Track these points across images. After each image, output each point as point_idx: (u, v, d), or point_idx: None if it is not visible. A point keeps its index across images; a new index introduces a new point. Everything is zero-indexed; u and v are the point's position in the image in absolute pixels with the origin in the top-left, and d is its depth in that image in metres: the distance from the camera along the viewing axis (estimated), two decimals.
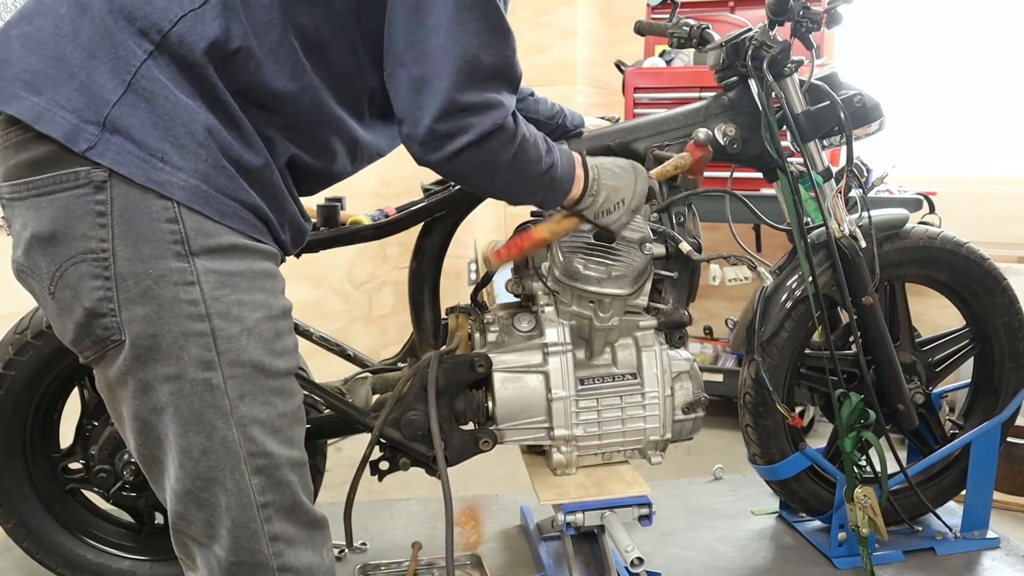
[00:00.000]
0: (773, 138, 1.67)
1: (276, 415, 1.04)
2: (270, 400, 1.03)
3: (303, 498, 1.09)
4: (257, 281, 1.02)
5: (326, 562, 1.13)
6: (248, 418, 1.01)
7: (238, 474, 1.02)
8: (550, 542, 1.94)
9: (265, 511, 1.04)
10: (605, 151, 1.67)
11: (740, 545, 1.98)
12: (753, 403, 1.88)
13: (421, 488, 2.40)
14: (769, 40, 1.63)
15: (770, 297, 1.85)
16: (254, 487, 1.03)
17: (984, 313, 1.96)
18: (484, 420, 1.56)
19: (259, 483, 1.03)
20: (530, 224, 1.58)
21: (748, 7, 3.40)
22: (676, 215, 1.62)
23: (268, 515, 1.04)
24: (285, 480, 1.05)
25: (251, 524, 1.03)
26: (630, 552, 1.47)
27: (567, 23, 3.80)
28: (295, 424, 1.08)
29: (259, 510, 1.04)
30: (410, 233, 1.67)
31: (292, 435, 1.07)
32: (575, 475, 1.57)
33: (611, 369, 1.56)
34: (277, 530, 1.05)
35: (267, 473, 1.04)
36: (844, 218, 1.77)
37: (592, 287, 1.45)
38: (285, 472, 1.05)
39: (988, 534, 1.97)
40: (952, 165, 3.54)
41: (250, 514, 1.03)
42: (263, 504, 1.04)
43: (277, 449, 1.04)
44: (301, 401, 1.11)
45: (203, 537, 1.05)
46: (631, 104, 3.18)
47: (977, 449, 1.94)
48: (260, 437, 1.02)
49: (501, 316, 1.59)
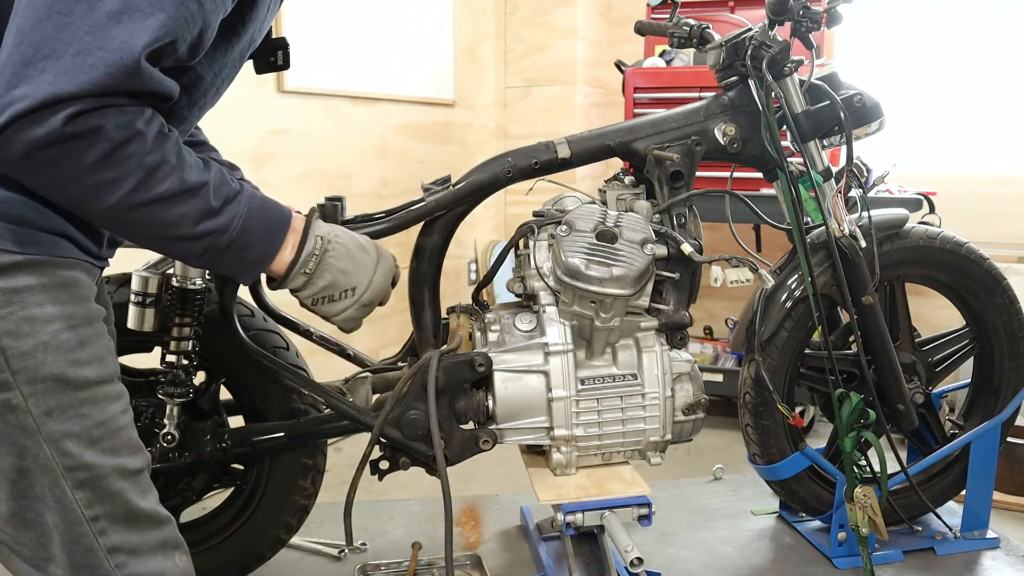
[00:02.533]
0: (773, 138, 1.67)
1: (92, 426, 1.00)
2: (82, 412, 0.99)
3: (142, 504, 1.04)
4: (50, 293, 0.98)
5: (180, 566, 1.08)
6: (59, 433, 0.98)
7: (58, 490, 0.99)
8: (550, 542, 1.94)
9: (97, 524, 1.01)
10: (605, 151, 1.67)
11: (740, 545, 1.98)
12: (753, 403, 1.88)
13: (421, 488, 2.40)
14: (769, 40, 1.63)
15: (770, 297, 1.85)
16: (79, 501, 1.00)
17: (984, 313, 1.96)
18: (484, 419, 1.56)
19: (84, 497, 1.00)
20: (531, 224, 1.58)
21: (748, 7, 3.41)
22: (677, 216, 1.62)
23: (102, 528, 1.01)
24: (113, 490, 1.01)
25: (83, 540, 1.00)
26: (630, 552, 1.47)
27: (567, 23, 3.80)
28: (121, 430, 1.03)
29: (89, 524, 1.00)
30: (410, 233, 1.66)
31: (117, 443, 1.03)
32: (575, 475, 1.57)
33: (612, 369, 1.56)
34: (115, 542, 1.02)
35: (91, 485, 1.00)
36: (844, 218, 1.77)
37: (594, 287, 1.45)
38: (112, 482, 1.01)
39: (988, 534, 1.98)
40: (952, 165, 3.54)
41: (80, 529, 1.00)
42: (93, 517, 1.01)
43: (99, 460, 1.00)
44: (124, 405, 1.05)
45: (39, 560, 1.02)
46: (631, 104, 3.18)
47: (977, 449, 1.94)
48: (76, 450, 0.99)
49: (502, 316, 1.59)
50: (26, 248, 0.96)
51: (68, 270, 1.01)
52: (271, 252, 1.06)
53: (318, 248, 1.09)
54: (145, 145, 0.92)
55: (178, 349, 1.60)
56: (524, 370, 1.53)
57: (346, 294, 1.12)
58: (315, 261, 1.09)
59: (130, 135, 0.90)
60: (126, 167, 0.91)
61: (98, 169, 0.90)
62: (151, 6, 0.87)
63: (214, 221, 0.98)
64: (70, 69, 0.85)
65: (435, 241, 1.64)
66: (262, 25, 1.14)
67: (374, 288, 1.15)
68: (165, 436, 1.60)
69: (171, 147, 0.95)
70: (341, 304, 1.13)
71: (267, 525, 1.77)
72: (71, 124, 0.86)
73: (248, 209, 1.02)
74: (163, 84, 0.93)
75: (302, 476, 1.76)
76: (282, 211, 1.08)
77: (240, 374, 1.74)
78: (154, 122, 0.94)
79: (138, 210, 0.94)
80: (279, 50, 1.30)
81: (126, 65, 0.86)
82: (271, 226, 1.05)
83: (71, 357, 0.99)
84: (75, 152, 0.88)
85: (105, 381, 1.03)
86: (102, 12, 0.86)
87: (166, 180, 0.94)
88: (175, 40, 0.91)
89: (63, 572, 1.01)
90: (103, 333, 1.05)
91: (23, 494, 0.99)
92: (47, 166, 0.89)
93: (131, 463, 1.04)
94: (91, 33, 0.86)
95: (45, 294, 0.98)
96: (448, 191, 1.61)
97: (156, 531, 1.06)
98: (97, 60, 0.86)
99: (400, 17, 3.39)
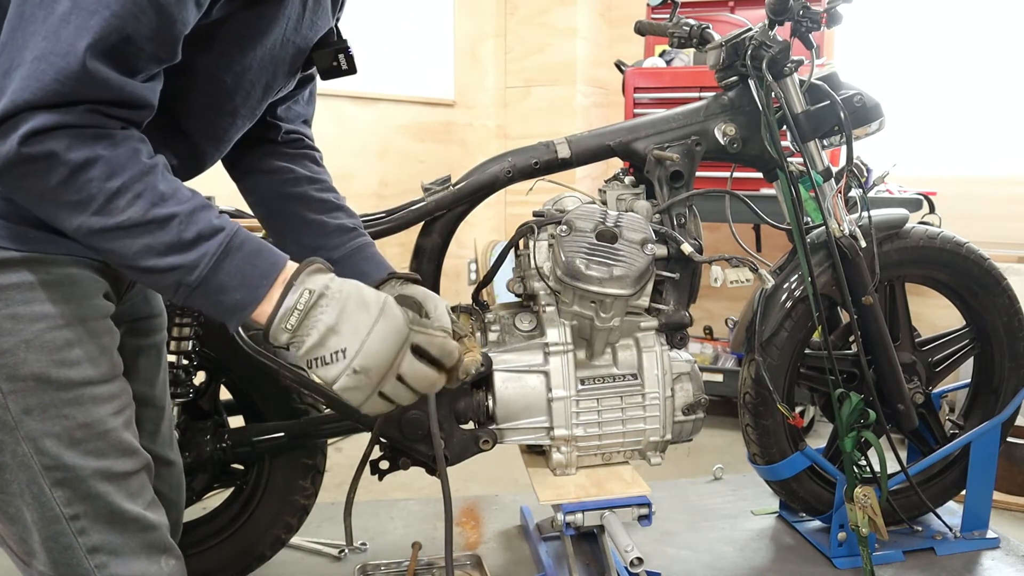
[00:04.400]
0: (773, 138, 1.67)
1: (74, 427, 0.99)
2: (64, 412, 0.98)
3: (127, 506, 1.03)
4: (39, 291, 0.97)
5: (165, 570, 1.07)
6: (38, 432, 0.97)
7: (36, 488, 0.99)
8: (550, 542, 1.94)
9: (77, 523, 1.01)
10: (605, 151, 1.67)
11: (740, 545, 1.98)
12: (753, 403, 1.88)
13: (421, 488, 2.41)
14: (769, 40, 1.63)
15: (770, 297, 1.85)
16: (58, 500, 0.99)
17: (984, 313, 1.96)
18: (484, 419, 1.56)
19: (63, 496, 0.99)
20: (531, 224, 1.58)
21: (748, 7, 3.40)
22: (677, 216, 1.62)
23: (82, 527, 1.01)
24: (95, 491, 1.01)
25: (62, 538, 1.00)
26: (630, 552, 1.47)
27: (567, 23, 3.80)
28: (108, 432, 1.02)
29: (68, 523, 1.00)
30: (410, 233, 1.66)
31: (103, 445, 1.01)
32: (575, 475, 1.57)
33: (612, 370, 1.56)
34: (96, 542, 1.01)
35: (70, 486, 0.99)
36: (844, 218, 1.77)
37: (594, 287, 1.45)
38: (93, 484, 1.00)
39: (988, 534, 1.98)
40: (952, 165, 3.53)
41: (59, 527, 1.00)
42: (72, 516, 1.00)
43: (80, 461, 0.99)
44: (119, 406, 1.04)
45: (23, 554, 1.03)
46: (631, 104, 3.18)
47: (977, 449, 1.94)
48: (55, 451, 0.98)
49: (502, 315, 1.59)
50: (16, 244, 0.96)
51: (63, 268, 1.00)
52: (253, 300, 0.94)
53: (303, 302, 0.94)
54: (107, 169, 0.87)
55: (178, 349, 1.60)
56: (524, 370, 1.53)
57: (336, 356, 0.94)
58: (297, 316, 0.94)
59: (88, 158, 0.86)
60: (87, 191, 0.86)
61: (61, 191, 0.87)
62: (96, 3, 0.83)
63: (181, 256, 0.90)
64: (27, 75, 0.83)
65: (435, 241, 1.64)
66: (297, 26, 1.10)
67: (367, 351, 0.94)
68: None
69: (139, 174, 0.89)
70: (335, 369, 0.95)
71: (267, 525, 1.77)
72: (26, 145, 0.83)
73: (226, 249, 0.93)
74: (126, 90, 0.88)
75: (302, 476, 1.76)
76: (275, 258, 0.97)
77: (240, 374, 1.74)
78: (122, 146, 0.89)
79: (101, 235, 0.89)
80: (340, 53, 1.23)
81: (73, 69, 0.83)
82: (256, 271, 0.94)
83: (55, 357, 0.98)
84: (38, 172, 0.86)
85: (93, 382, 1.01)
86: (56, 15, 0.83)
87: (128, 208, 0.88)
88: (128, 36, 0.85)
89: (44, 568, 1.02)
90: (101, 332, 1.04)
91: (3, 489, 0.99)
92: (18, 182, 0.87)
93: (119, 466, 1.03)
94: (46, 38, 0.83)
95: (34, 292, 0.97)
96: (448, 191, 1.61)
97: (142, 534, 1.05)
98: (47, 66, 0.83)
99: (400, 17, 3.39)
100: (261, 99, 1.15)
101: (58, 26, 0.83)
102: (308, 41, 1.16)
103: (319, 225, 1.29)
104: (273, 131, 1.30)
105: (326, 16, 1.17)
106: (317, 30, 1.17)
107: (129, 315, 1.21)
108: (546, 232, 1.57)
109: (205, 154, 1.14)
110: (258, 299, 0.95)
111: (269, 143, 1.31)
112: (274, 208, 1.31)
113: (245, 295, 0.94)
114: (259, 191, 1.31)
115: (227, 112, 1.10)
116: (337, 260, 1.27)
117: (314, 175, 1.34)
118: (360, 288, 0.99)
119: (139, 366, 1.24)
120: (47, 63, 0.83)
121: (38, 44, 0.83)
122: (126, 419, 1.06)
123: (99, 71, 0.85)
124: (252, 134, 1.23)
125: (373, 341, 0.95)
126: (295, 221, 1.30)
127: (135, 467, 1.06)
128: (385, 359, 0.96)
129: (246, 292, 0.94)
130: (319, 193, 1.32)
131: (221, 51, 1.02)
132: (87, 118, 0.86)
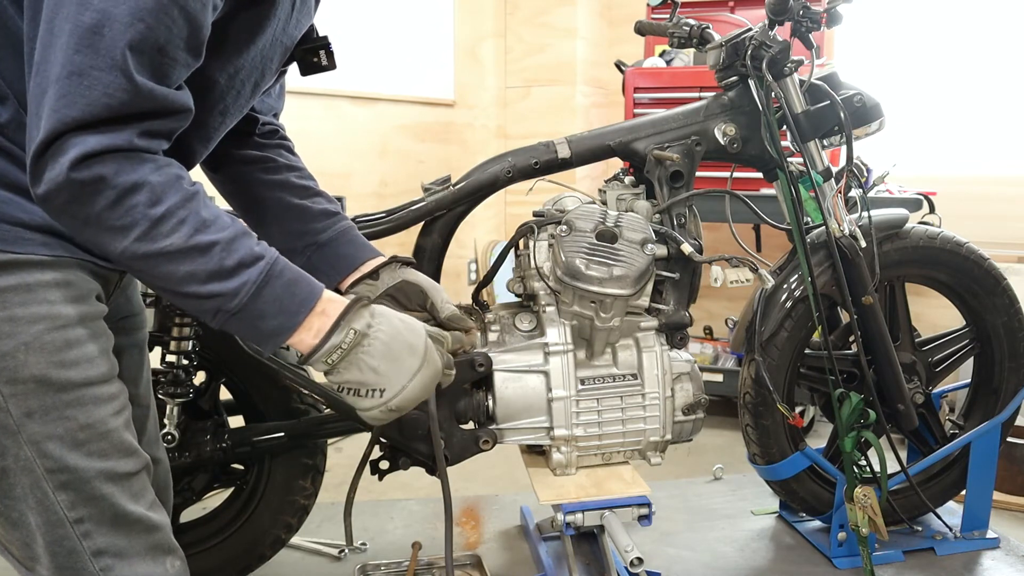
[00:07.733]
0: (773, 138, 1.67)
1: (77, 428, 0.99)
2: (66, 414, 0.98)
3: (131, 507, 1.03)
4: (36, 293, 0.97)
5: (170, 572, 1.07)
6: (40, 435, 0.97)
7: (39, 492, 0.98)
8: (550, 542, 1.94)
9: (81, 526, 1.00)
10: (605, 151, 1.66)
11: (740, 545, 1.98)
12: (753, 403, 1.88)
13: (421, 488, 2.40)
14: (769, 40, 1.63)
15: (770, 297, 1.85)
16: (61, 503, 0.99)
17: (984, 313, 1.96)
18: (484, 419, 1.56)
19: (66, 499, 0.99)
20: (531, 224, 1.58)
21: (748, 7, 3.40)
22: (677, 216, 1.62)
23: (86, 530, 1.00)
24: (98, 493, 1.00)
25: (66, 541, 1.00)
26: (630, 552, 1.47)
27: (567, 23, 3.80)
28: (110, 433, 1.02)
29: (72, 526, 1.00)
30: (410, 233, 1.66)
31: (105, 445, 1.01)
32: (575, 475, 1.57)
33: (612, 369, 1.56)
34: (100, 544, 1.01)
35: (74, 488, 0.99)
36: (844, 218, 1.77)
37: (594, 287, 1.45)
38: (97, 485, 1.00)
39: (988, 534, 1.98)
40: (952, 165, 3.53)
41: (63, 531, 1.00)
42: (76, 520, 1.00)
43: (83, 463, 0.99)
44: (118, 407, 1.04)
45: (25, 559, 1.02)
46: (631, 104, 3.18)
47: (977, 449, 1.94)
48: (58, 453, 0.98)
49: (502, 315, 1.59)
50: (12, 247, 0.96)
51: (60, 270, 1.00)
52: (289, 327, 0.98)
53: (348, 341, 0.99)
54: (153, 195, 0.89)
55: (178, 349, 1.60)
56: (524, 370, 1.53)
57: (373, 393, 1.01)
58: (340, 354, 0.99)
59: (136, 183, 0.88)
60: (131, 216, 0.88)
61: (107, 216, 0.88)
62: (130, 15, 0.83)
63: (223, 284, 0.93)
64: (70, 92, 0.83)
65: (435, 241, 1.64)
66: (286, 25, 1.11)
67: (406, 396, 1.02)
68: (165, 436, 1.60)
69: (182, 200, 0.91)
70: (368, 402, 1.02)
71: (267, 525, 1.77)
72: (76, 170, 0.85)
73: (266, 277, 0.96)
74: (169, 99, 0.90)
75: (302, 476, 1.76)
76: (311, 287, 1.00)
77: (240, 374, 1.74)
78: (165, 172, 0.91)
79: (144, 260, 0.91)
80: (320, 50, 1.25)
81: (121, 83, 0.84)
82: (295, 300, 0.98)
83: (55, 359, 0.98)
84: (85, 197, 0.87)
85: (94, 383, 1.01)
86: (86, 28, 0.83)
87: (172, 235, 0.90)
88: (162, 46, 0.87)
89: (48, 573, 1.01)
90: (98, 334, 1.04)
91: (6, 494, 0.99)
92: (65, 206, 0.88)
93: (121, 466, 1.03)
94: (82, 52, 0.83)
95: (31, 294, 0.97)
96: (448, 191, 1.62)
97: (146, 535, 1.05)
98: (93, 80, 0.83)
99: (400, 17, 3.39)
100: (250, 98, 1.16)
101: (93, 40, 0.83)
102: (293, 39, 1.17)
103: (303, 210, 1.32)
104: (252, 123, 1.32)
105: (309, 13, 1.19)
106: (301, 28, 1.18)
107: (113, 315, 1.21)
108: (546, 232, 1.57)
109: (195, 154, 1.14)
110: (295, 327, 0.98)
111: (247, 135, 1.33)
112: (255, 196, 1.33)
113: (283, 322, 0.98)
114: (239, 180, 1.33)
115: (218, 112, 1.11)
116: (323, 243, 1.31)
117: (292, 163, 1.37)
118: (403, 330, 1.03)
119: (123, 365, 1.23)
120: (92, 78, 0.83)
121: (74, 59, 0.83)
122: (126, 419, 1.06)
123: (144, 84, 0.86)
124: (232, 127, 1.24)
125: (414, 387, 1.03)
126: (278, 207, 1.32)
127: (136, 467, 1.05)
128: (419, 400, 1.05)
129: (284, 319, 0.98)
130: (300, 180, 1.35)
131: (218, 53, 1.02)
132: (134, 141, 0.87)
